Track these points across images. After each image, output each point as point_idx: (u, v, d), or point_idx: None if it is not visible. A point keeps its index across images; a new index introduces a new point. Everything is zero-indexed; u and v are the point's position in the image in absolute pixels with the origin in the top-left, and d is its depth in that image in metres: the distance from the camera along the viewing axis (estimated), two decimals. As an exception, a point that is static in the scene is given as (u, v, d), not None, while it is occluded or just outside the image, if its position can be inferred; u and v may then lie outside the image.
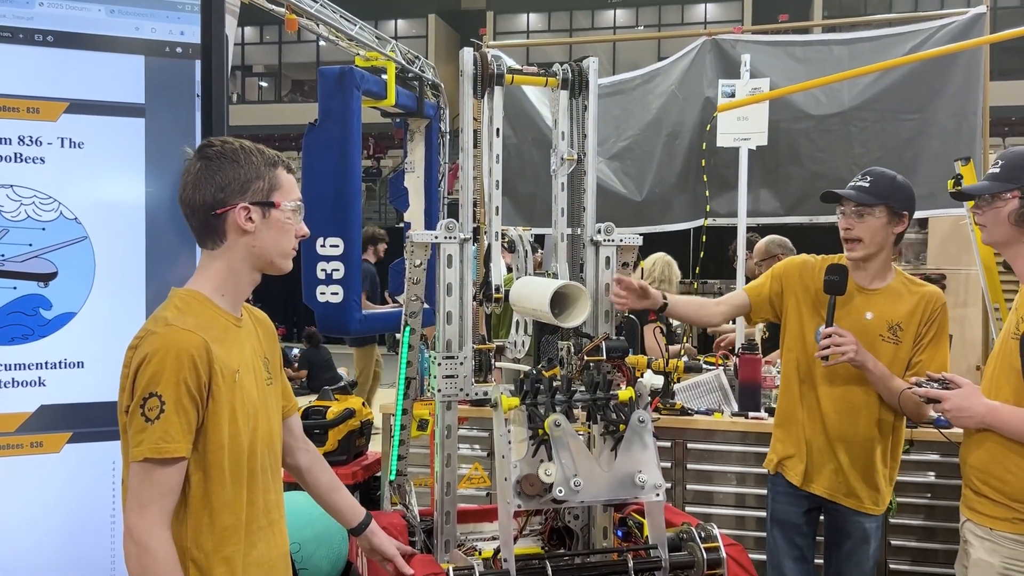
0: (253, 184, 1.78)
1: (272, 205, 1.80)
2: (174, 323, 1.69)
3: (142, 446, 1.64)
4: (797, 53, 5.16)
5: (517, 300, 2.45)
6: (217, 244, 1.80)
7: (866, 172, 2.76)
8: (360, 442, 4.40)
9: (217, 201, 1.76)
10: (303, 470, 2.11)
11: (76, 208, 2.36)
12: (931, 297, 2.73)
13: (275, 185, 1.80)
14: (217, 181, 1.76)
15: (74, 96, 2.36)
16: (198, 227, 1.80)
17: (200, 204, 1.76)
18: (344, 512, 2.16)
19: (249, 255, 1.81)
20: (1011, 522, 2.19)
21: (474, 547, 2.60)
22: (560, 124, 2.53)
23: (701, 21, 23.18)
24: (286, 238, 1.84)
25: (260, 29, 26.54)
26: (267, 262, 1.84)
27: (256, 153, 1.81)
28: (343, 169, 4.69)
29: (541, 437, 2.01)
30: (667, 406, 3.85)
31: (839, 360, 2.61)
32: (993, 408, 2.25)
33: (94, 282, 2.38)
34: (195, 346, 1.66)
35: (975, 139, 4.71)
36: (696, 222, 5.29)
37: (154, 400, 1.63)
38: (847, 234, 2.74)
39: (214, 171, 1.76)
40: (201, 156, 1.79)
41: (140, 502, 1.65)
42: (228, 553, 1.76)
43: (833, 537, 2.87)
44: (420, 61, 6.25)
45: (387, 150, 20.94)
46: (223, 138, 1.84)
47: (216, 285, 1.81)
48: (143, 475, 1.65)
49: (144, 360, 1.65)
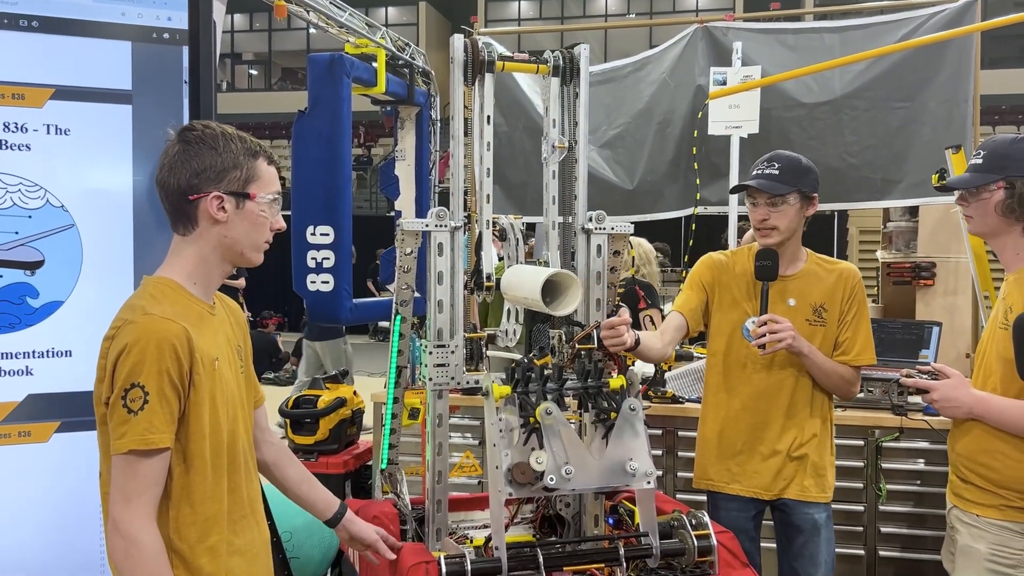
0: (230, 173, 1.74)
1: (247, 196, 1.76)
2: (152, 312, 1.66)
3: (126, 438, 1.61)
4: (789, 41, 5.15)
5: (508, 288, 2.44)
6: (189, 230, 1.77)
7: (772, 158, 2.68)
8: (351, 431, 4.39)
9: (191, 187, 1.72)
10: (270, 464, 2.07)
11: (63, 195, 2.34)
12: (848, 274, 2.72)
13: (253, 176, 1.76)
14: (193, 166, 1.72)
15: (60, 82, 2.34)
16: (171, 211, 1.77)
17: (174, 188, 1.73)
18: (316, 504, 2.13)
19: (220, 245, 1.77)
20: (997, 508, 2.21)
21: (465, 535, 2.60)
22: (551, 112, 2.51)
23: (693, 9, 23.13)
24: (259, 231, 1.80)
25: (250, 16, 26.37)
26: (237, 253, 1.80)
27: (237, 141, 1.77)
28: (333, 157, 4.66)
29: (532, 425, 2.01)
30: (658, 394, 3.86)
31: (776, 348, 2.55)
32: (981, 399, 2.26)
33: (81, 270, 2.36)
34: (175, 335, 1.64)
35: (966, 127, 4.71)
36: (687, 210, 5.29)
37: (136, 391, 1.61)
38: (762, 224, 2.66)
39: (191, 155, 1.72)
40: (181, 139, 1.75)
41: (125, 495, 1.63)
42: (212, 543, 1.74)
43: (784, 535, 2.80)
44: (411, 48, 6.21)
45: (378, 138, 20.86)
46: (206, 122, 1.81)
47: (188, 273, 1.78)
48: (127, 467, 1.63)
49: (124, 350, 1.62)
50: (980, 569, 2.22)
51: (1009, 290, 2.30)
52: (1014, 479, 2.19)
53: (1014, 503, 2.19)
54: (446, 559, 2.05)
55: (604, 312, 2.51)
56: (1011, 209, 2.26)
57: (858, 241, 12.16)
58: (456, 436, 3.99)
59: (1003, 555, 2.19)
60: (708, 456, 2.82)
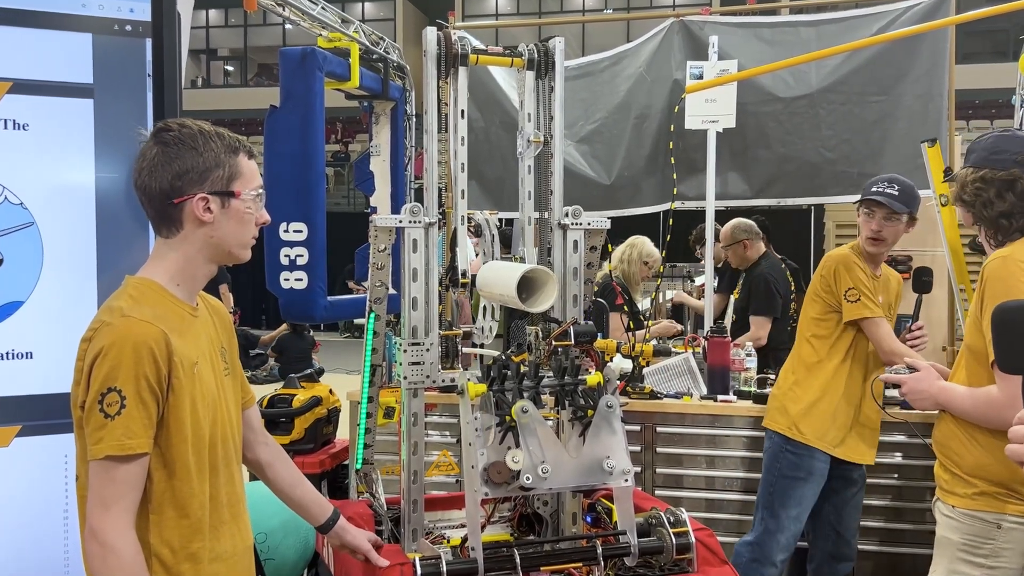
0: (212, 173, 1.70)
1: (232, 195, 1.73)
2: (130, 314, 1.62)
3: (102, 443, 1.57)
4: (765, 35, 5.14)
5: (484, 285, 2.40)
6: (173, 233, 1.73)
7: (892, 180, 3.11)
8: (327, 430, 4.34)
9: (174, 190, 1.68)
10: (264, 465, 2.04)
11: (22, 193, 2.28)
12: (898, 278, 3.32)
13: (235, 173, 1.73)
14: (174, 168, 1.68)
15: (17, 75, 2.27)
16: (154, 215, 1.73)
17: (156, 192, 1.69)
18: (309, 508, 2.08)
19: (206, 246, 1.74)
20: (970, 498, 2.23)
21: (442, 535, 2.57)
22: (526, 105, 2.48)
23: (669, 3, 23.17)
24: (245, 228, 1.77)
25: (225, 12, 26.09)
26: (225, 253, 1.77)
27: (216, 138, 1.72)
28: (306, 152, 4.60)
29: (509, 424, 1.97)
30: (636, 390, 3.84)
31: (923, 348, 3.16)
32: (943, 389, 2.34)
33: (42, 270, 2.30)
34: (153, 338, 1.60)
35: (941, 121, 4.73)
36: (664, 205, 5.28)
37: (113, 395, 1.57)
38: (876, 234, 3.11)
39: (172, 158, 1.68)
40: (158, 140, 1.70)
41: (103, 502, 1.59)
42: (194, 549, 1.71)
43: (837, 487, 3.27)
44: (385, 43, 6.15)
45: (355, 134, 20.72)
46: (181, 120, 1.75)
47: (171, 274, 1.74)
48: (104, 473, 1.59)
49: (100, 353, 1.58)
50: (953, 559, 2.23)
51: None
52: (979, 465, 2.21)
53: (981, 489, 2.21)
54: (421, 561, 2.01)
55: (581, 308, 2.48)
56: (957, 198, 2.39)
57: (834, 235, 12.21)
58: (434, 434, 3.96)
59: (975, 544, 2.20)
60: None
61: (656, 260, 4.91)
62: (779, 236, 3.21)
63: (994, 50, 19.64)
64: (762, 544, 3.25)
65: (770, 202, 5.33)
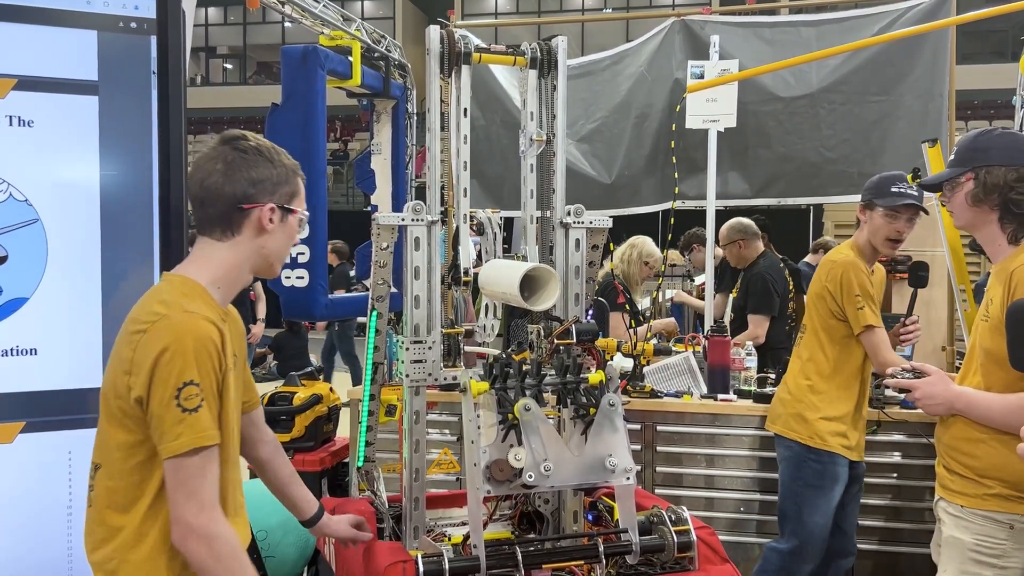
0: (282, 187, 1.80)
1: (291, 211, 1.83)
2: (191, 310, 1.65)
3: (184, 437, 1.59)
4: (765, 34, 5.15)
5: (486, 283, 2.41)
6: (227, 236, 1.77)
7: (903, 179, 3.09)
8: (327, 428, 4.34)
9: (247, 196, 1.75)
10: (263, 461, 2.08)
11: (26, 189, 2.28)
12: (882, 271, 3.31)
13: (296, 192, 1.84)
14: (252, 175, 1.76)
15: (23, 72, 2.27)
16: (214, 215, 1.76)
17: (229, 194, 1.75)
18: (299, 504, 2.13)
19: (255, 254, 1.80)
20: (981, 498, 2.22)
21: (443, 533, 2.57)
22: (529, 104, 2.48)
23: (669, 3, 23.17)
24: (289, 244, 1.88)
25: (224, 10, 26.06)
26: (268, 264, 1.84)
27: (285, 156, 1.84)
28: (307, 151, 4.60)
29: (511, 422, 1.98)
30: (637, 389, 3.85)
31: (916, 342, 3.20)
32: (960, 394, 2.29)
33: (47, 266, 2.30)
34: (215, 335, 1.65)
35: (942, 121, 4.74)
36: (665, 204, 5.28)
37: (191, 389, 1.59)
38: (900, 236, 3.09)
39: (250, 165, 1.76)
40: (235, 148, 1.77)
41: (196, 495, 1.61)
42: None
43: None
44: (386, 41, 6.16)
45: (355, 133, 20.71)
46: (251, 134, 1.84)
47: (214, 277, 1.77)
48: (191, 466, 1.60)
49: (166, 348, 1.59)
50: (964, 559, 2.23)
51: (991, 283, 2.32)
52: (994, 467, 2.20)
53: (995, 491, 2.20)
54: (423, 558, 2.02)
55: (583, 307, 2.48)
56: (978, 198, 2.29)
57: (834, 235, 12.24)
58: (434, 432, 3.96)
59: (986, 545, 2.20)
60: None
61: (657, 260, 4.91)
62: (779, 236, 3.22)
63: (993, 50, 19.65)
64: (795, 554, 3.21)
65: (770, 202, 5.34)
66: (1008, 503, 2.17)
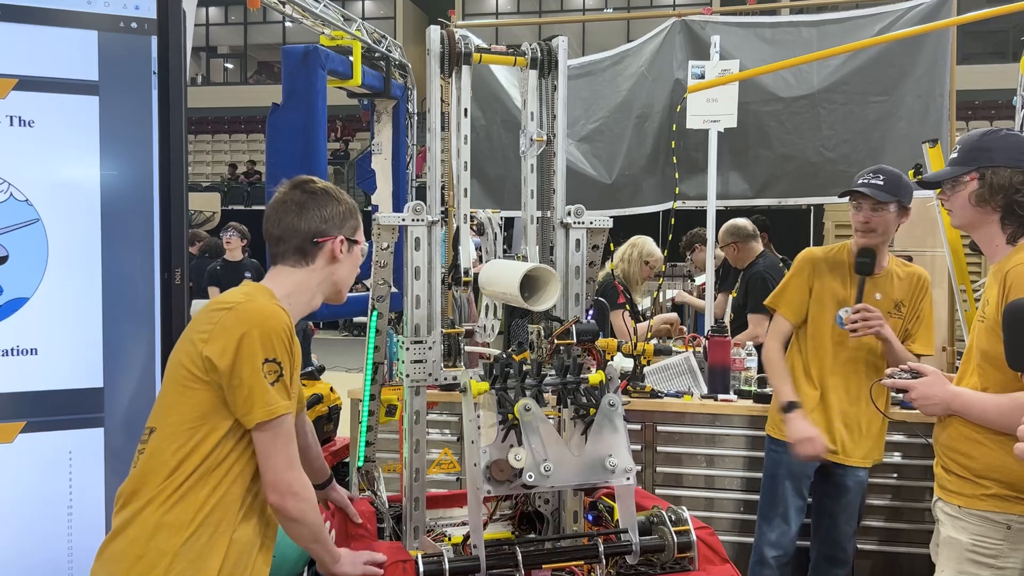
0: (348, 222, 2.04)
1: (356, 243, 2.07)
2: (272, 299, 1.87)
3: (274, 405, 1.79)
4: (766, 35, 5.15)
5: (486, 283, 2.41)
6: (301, 264, 1.99)
7: (877, 170, 3.05)
8: (328, 428, 4.34)
9: (320, 231, 1.99)
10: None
11: (27, 189, 2.28)
12: (922, 276, 3.16)
13: (358, 226, 2.09)
14: (323, 213, 2.00)
15: (23, 72, 2.27)
16: (290, 248, 1.98)
17: (304, 230, 1.98)
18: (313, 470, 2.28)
19: (326, 280, 2.02)
20: (978, 498, 2.22)
21: (444, 533, 2.57)
22: (529, 104, 2.48)
23: (670, 3, 23.17)
24: (353, 273, 2.09)
25: (225, 9, 26.05)
26: (336, 291, 2.06)
27: (345, 196, 2.08)
28: (308, 150, 4.61)
29: (511, 422, 1.98)
30: (637, 389, 3.85)
31: (867, 332, 2.96)
32: (957, 395, 2.28)
33: (47, 266, 2.30)
34: (290, 323, 1.86)
35: (942, 121, 4.74)
36: (665, 205, 5.28)
37: (273, 365, 1.80)
38: (865, 226, 3.04)
39: (321, 204, 2.00)
40: (304, 190, 2.01)
41: (287, 457, 1.82)
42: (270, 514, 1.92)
43: (829, 491, 3.20)
44: (387, 41, 6.16)
45: (355, 132, 20.69)
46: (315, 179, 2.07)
47: (287, 292, 1.96)
48: (280, 432, 1.81)
49: (254, 325, 1.79)
50: (961, 560, 2.22)
51: (987, 283, 2.32)
52: (991, 467, 2.20)
53: (992, 491, 2.20)
54: (423, 558, 2.02)
55: (583, 307, 2.48)
56: (983, 199, 2.29)
57: (834, 235, 12.24)
58: (435, 432, 3.96)
59: (984, 545, 2.19)
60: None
61: (657, 260, 4.91)
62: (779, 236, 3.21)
63: (994, 51, 19.64)
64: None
65: (771, 202, 5.33)
66: (1005, 503, 2.17)
